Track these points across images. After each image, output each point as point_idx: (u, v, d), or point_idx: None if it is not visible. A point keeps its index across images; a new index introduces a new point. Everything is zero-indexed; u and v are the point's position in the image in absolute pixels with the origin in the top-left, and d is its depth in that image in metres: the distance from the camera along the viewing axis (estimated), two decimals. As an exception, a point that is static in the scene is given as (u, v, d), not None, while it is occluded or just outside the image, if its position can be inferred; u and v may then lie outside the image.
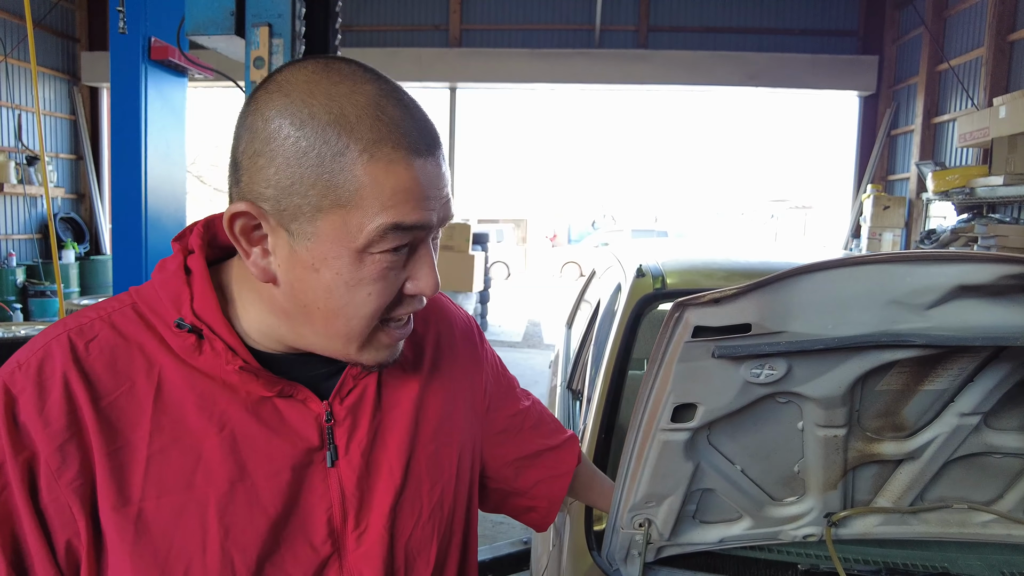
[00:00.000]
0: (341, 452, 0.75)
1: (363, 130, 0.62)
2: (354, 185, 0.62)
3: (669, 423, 0.93)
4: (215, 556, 0.68)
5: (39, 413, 0.64)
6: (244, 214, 0.65)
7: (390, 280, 0.67)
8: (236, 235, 0.66)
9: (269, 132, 0.62)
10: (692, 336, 0.79)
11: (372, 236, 0.63)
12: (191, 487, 0.68)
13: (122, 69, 3.51)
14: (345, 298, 0.66)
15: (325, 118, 0.61)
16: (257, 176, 0.64)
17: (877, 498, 1.20)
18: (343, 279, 0.65)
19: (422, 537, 0.81)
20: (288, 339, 0.72)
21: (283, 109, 0.62)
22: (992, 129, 5.71)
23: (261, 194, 0.64)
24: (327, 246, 0.64)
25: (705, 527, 1.21)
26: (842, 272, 0.73)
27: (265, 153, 0.63)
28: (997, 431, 1.08)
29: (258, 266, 0.67)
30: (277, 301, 0.69)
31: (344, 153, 0.61)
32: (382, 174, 0.62)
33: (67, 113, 10.67)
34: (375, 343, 0.71)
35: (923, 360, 0.90)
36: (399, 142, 0.63)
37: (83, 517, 0.65)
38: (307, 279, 0.66)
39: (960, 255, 0.70)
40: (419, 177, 0.64)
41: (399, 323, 0.72)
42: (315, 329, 0.69)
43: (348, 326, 0.68)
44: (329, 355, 0.72)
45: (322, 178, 0.62)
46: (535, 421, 1.03)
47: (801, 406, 0.97)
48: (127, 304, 0.72)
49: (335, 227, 0.63)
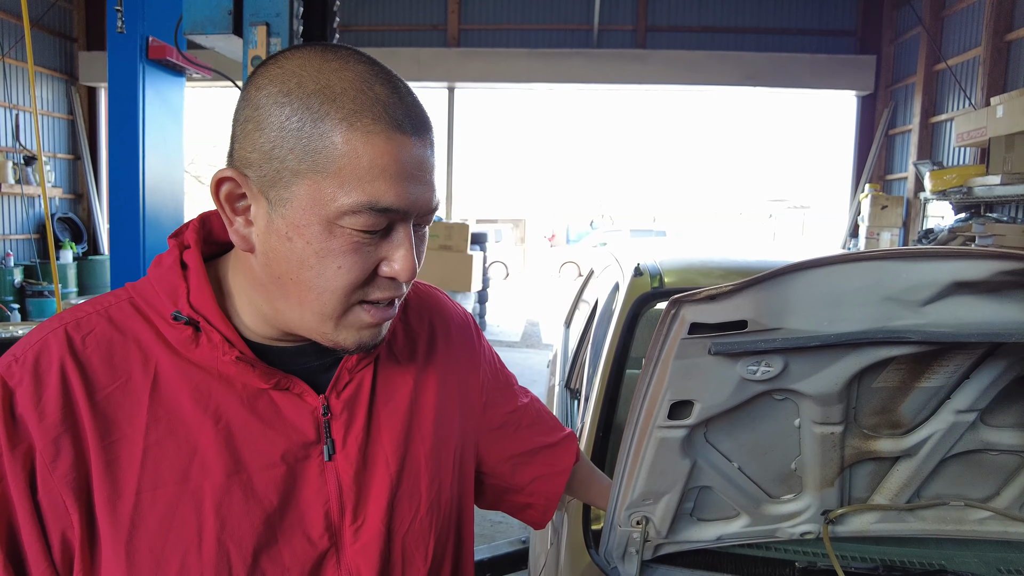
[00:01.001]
0: (338, 446, 0.75)
1: (346, 100, 0.62)
2: (332, 152, 0.62)
3: (666, 420, 0.93)
4: (211, 549, 0.68)
5: (35, 406, 0.64)
6: (229, 179, 0.66)
7: (362, 256, 0.66)
8: (221, 201, 0.67)
9: (259, 99, 0.64)
10: (688, 333, 0.79)
11: (345, 208, 0.63)
12: (187, 480, 0.68)
13: (120, 69, 3.50)
14: (316, 269, 0.66)
15: (311, 87, 0.63)
16: (245, 142, 0.65)
17: (874, 495, 1.20)
18: (313, 248, 0.65)
19: (419, 532, 0.81)
20: (271, 317, 0.72)
21: (274, 78, 0.64)
22: (989, 128, 5.72)
23: (247, 159, 0.65)
24: (300, 213, 0.64)
25: (702, 525, 1.21)
26: (838, 269, 0.73)
27: (253, 119, 0.65)
28: (993, 428, 1.08)
29: (239, 234, 0.68)
30: (257, 276, 0.70)
31: (324, 119, 0.62)
32: (360, 144, 0.62)
33: (65, 113, 10.65)
34: (353, 322, 0.70)
35: (919, 357, 0.90)
36: (380, 116, 0.63)
37: (76, 511, 0.65)
38: (280, 248, 0.66)
39: (955, 251, 0.70)
40: (398, 154, 0.64)
41: (378, 305, 0.70)
42: (290, 304, 0.69)
43: (320, 300, 0.67)
44: (308, 335, 0.71)
45: (300, 142, 0.62)
46: (533, 418, 1.03)
47: (798, 403, 0.97)
48: (123, 298, 0.72)
49: (309, 194, 0.63)
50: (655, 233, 20.90)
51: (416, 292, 0.93)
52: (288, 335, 0.74)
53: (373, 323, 0.71)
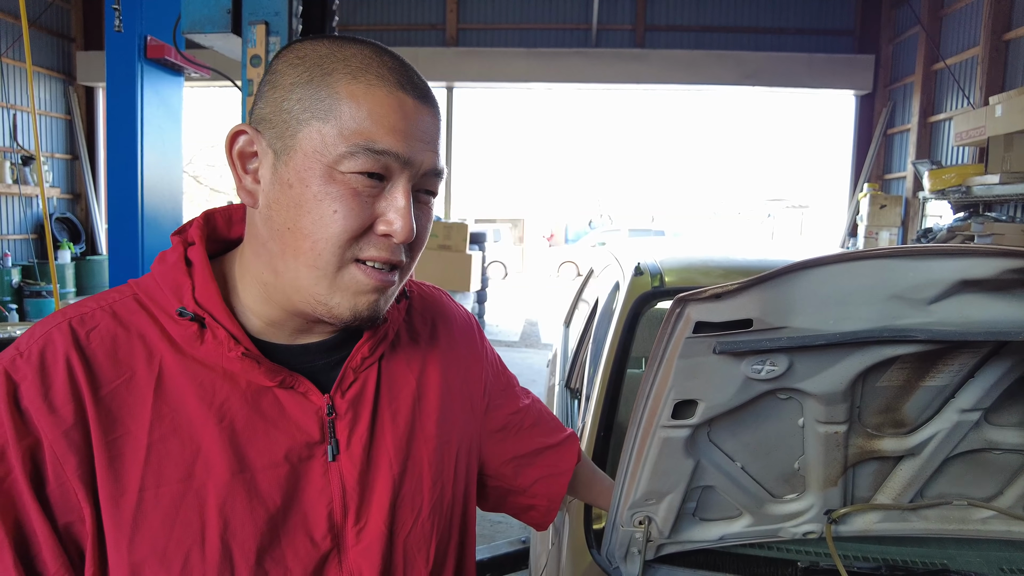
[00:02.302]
0: (342, 446, 0.75)
1: (353, 61, 0.67)
2: (334, 100, 0.66)
3: (670, 420, 0.92)
4: (214, 548, 0.67)
5: (43, 399, 0.64)
6: (242, 133, 0.70)
7: (359, 204, 0.66)
8: (234, 158, 0.71)
9: (278, 65, 0.70)
10: (693, 332, 0.78)
11: (343, 152, 0.65)
12: (190, 478, 0.67)
13: (118, 68, 3.49)
14: (313, 213, 0.66)
15: (324, 51, 0.68)
16: (260, 101, 0.71)
17: (877, 495, 1.20)
18: (312, 191, 0.66)
19: (421, 534, 0.81)
20: (271, 287, 0.71)
21: (292, 49, 0.70)
22: (988, 128, 5.72)
23: (261, 115, 0.70)
24: (301, 159, 0.67)
25: (705, 524, 1.21)
26: (843, 267, 0.73)
27: (270, 81, 0.70)
28: (997, 427, 1.08)
29: (246, 190, 0.71)
30: (259, 233, 0.71)
31: (331, 73, 0.67)
32: (362, 94, 0.66)
33: (63, 113, 10.64)
34: (349, 284, 0.69)
35: (924, 356, 0.90)
36: (384, 75, 0.67)
37: (88, 504, 0.65)
38: (282, 197, 0.68)
39: (962, 249, 0.70)
40: (398, 106, 0.67)
41: (374, 266, 0.69)
42: (287, 259, 0.68)
43: (315, 250, 0.67)
44: (305, 303, 0.70)
45: (307, 93, 0.67)
46: (535, 419, 1.02)
47: (802, 402, 0.96)
48: (128, 295, 0.72)
49: (311, 140, 0.66)
50: (653, 232, 20.91)
51: (420, 293, 0.93)
52: (290, 318, 0.73)
53: (368, 286, 0.69)
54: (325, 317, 0.70)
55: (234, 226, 0.80)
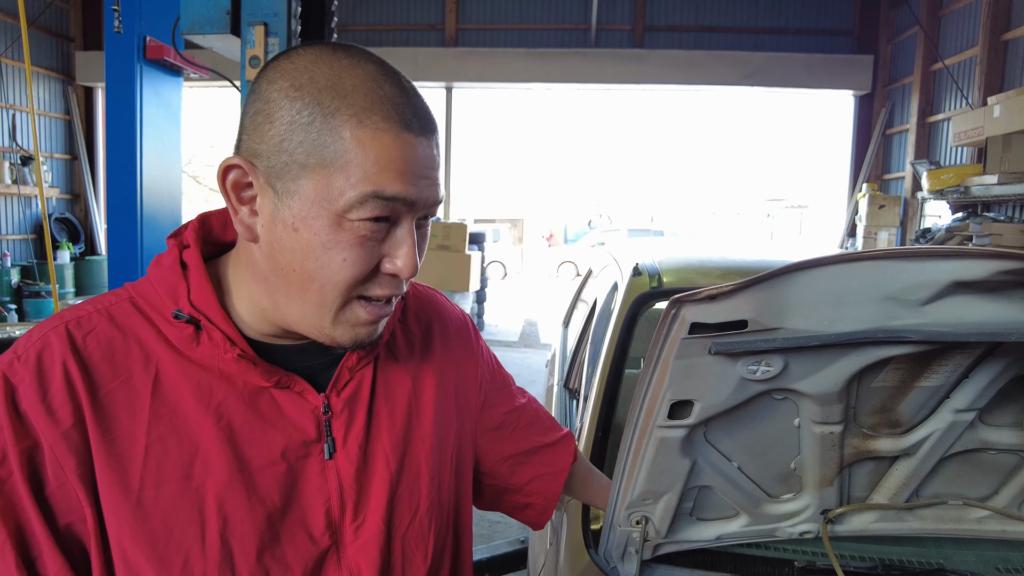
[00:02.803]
0: (339, 444, 0.76)
1: (356, 98, 0.64)
2: (340, 147, 0.63)
3: (666, 420, 0.93)
4: (214, 546, 0.68)
5: (41, 401, 0.64)
6: (236, 167, 0.67)
7: (367, 250, 0.67)
8: (228, 189, 0.68)
9: (270, 93, 0.65)
10: (689, 333, 0.79)
11: (352, 201, 0.64)
12: (189, 478, 0.68)
13: (117, 68, 3.50)
14: (321, 260, 0.66)
15: (323, 83, 0.64)
16: (254, 133, 0.66)
17: (873, 495, 1.20)
18: (320, 240, 0.65)
19: (419, 530, 0.81)
20: (270, 313, 0.72)
21: (286, 73, 0.65)
22: (986, 128, 5.73)
23: (255, 150, 0.66)
24: (308, 206, 0.65)
25: (702, 524, 1.21)
26: (838, 268, 0.73)
27: (263, 112, 0.66)
28: (992, 427, 1.08)
29: (244, 224, 0.68)
30: (259, 266, 0.70)
31: (334, 115, 0.63)
32: (368, 140, 0.64)
33: (62, 113, 10.63)
34: (351, 318, 0.70)
35: (918, 356, 0.90)
36: (389, 114, 0.64)
37: (89, 505, 0.65)
38: (286, 239, 0.66)
39: (955, 251, 0.70)
40: (405, 150, 0.65)
41: (377, 302, 0.71)
42: (291, 296, 0.69)
43: (322, 292, 0.67)
44: (305, 331, 0.71)
45: (310, 136, 0.64)
46: (531, 418, 1.03)
47: (797, 403, 0.97)
48: (124, 298, 0.72)
49: (317, 187, 0.64)
50: (653, 232, 20.90)
51: (415, 293, 0.93)
52: (286, 332, 0.74)
53: (370, 320, 0.71)
54: (326, 343, 0.72)
55: (229, 228, 0.80)
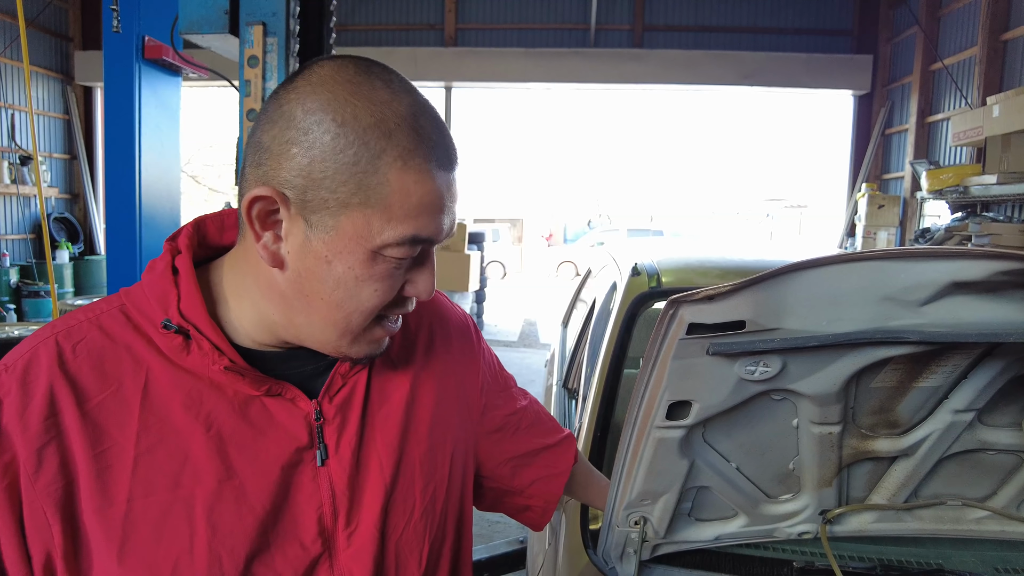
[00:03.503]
0: (331, 451, 0.75)
1: (400, 138, 0.64)
2: (385, 189, 0.64)
3: (664, 420, 0.93)
4: (203, 555, 0.68)
5: (20, 417, 0.64)
6: (265, 199, 0.65)
7: (394, 280, 0.70)
8: (252, 217, 0.66)
9: (309, 124, 0.63)
10: (687, 333, 0.78)
11: (391, 241, 0.66)
12: (178, 487, 0.68)
13: (115, 68, 3.49)
14: (351, 292, 0.68)
15: (367, 121, 0.63)
16: (287, 163, 0.64)
17: (872, 495, 1.20)
18: (354, 273, 0.67)
19: (413, 536, 0.81)
20: (279, 327, 0.72)
21: (327, 104, 0.63)
22: (986, 128, 5.73)
23: (287, 181, 0.65)
24: (345, 242, 0.66)
25: (701, 525, 1.21)
26: (836, 269, 0.73)
27: (300, 143, 0.64)
28: (991, 428, 1.08)
29: (268, 250, 0.68)
30: (277, 286, 0.70)
31: (380, 156, 0.64)
32: (412, 184, 0.65)
33: (61, 113, 10.62)
34: (367, 338, 0.73)
35: (917, 357, 0.90)
36: (429, 155, 0.66)
37: (58, 522, 0.65)
38: (317, 270, 0.67)
39: (953, 251, 0.70)
40: (442, 191, 0.67)
41: (390, 320, 0.74)
42: (311, 319, 0.70)
43: (348, 320, 0.69)
44: (318, 347, 0.72)
45: (355, 177, 0.63)
46: (532, 420, 1.02)
47: (796, 403, 0.97)
48: (115, 306, 0.72)
49: (357, 225, 0.65)
50: (652, 232, 20.91)
51: None
52: (286, 343, 0.74)
53: (383, 337, 0.74)
54: (338, 358, 0.75)
55: (226, 232, 0.79)
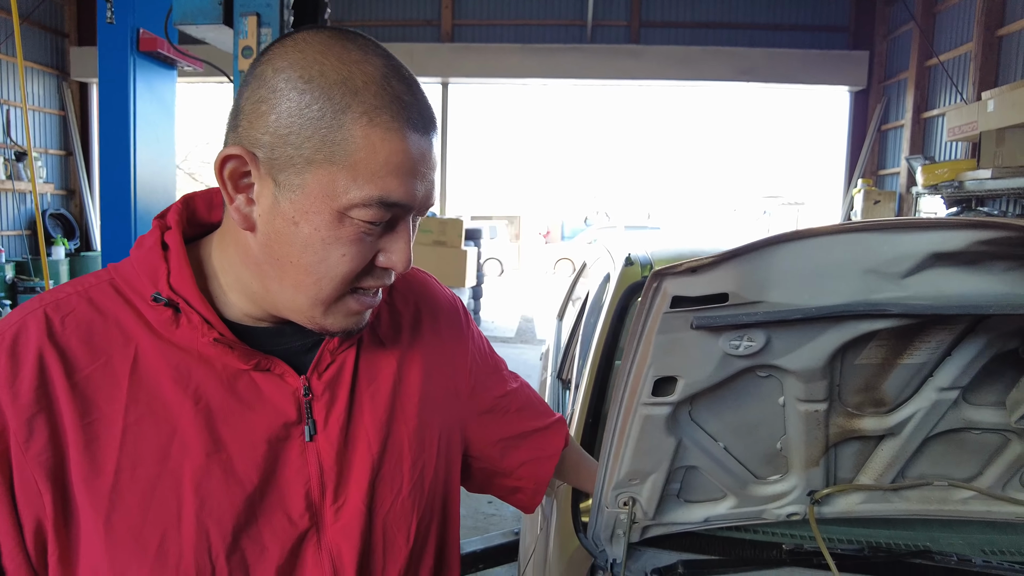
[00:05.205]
0: (320, 427, 0.76)
1: (367, 95, 0.63)
2: (350, 145, 0.63)
3: (650, 397, 0.93)
4: (190, 527, 0.68)
5: (10, 386, 0.64)
6: (236, 157, 0.66)
7: (365, 246, 0.68)
8: (224, 178, 0.67)
9: (277, 82, 0.64)
10: (671, 307, 0.79)
11: (356, 201, 0.64)
12: (166, 459, 0.68)
13: (110, 60, 3.49)
14: (320, 255, 0.67)
15: (334, 78, 0.63)
16: (257, 122, 0.65)
17: (859, 476, 1.21)
18: (320, 235, 0.66)
19: (401, 512, 0.81)
20: (259, 297, 0.72)
21: (295, 63, 0.64)
22: (980, 123, 5.74)
23: (257, 140, 0.65)
24: (310, 201, 0.65)
25: (689, 506, 1.21)
26: (818, 241, 0.74)
27: (268, 100, 0.64)
28: (975, 406, 1.09)
29: (240, 212, 0.68)
30: (252, 252, 0.70)
31: (345, 112, 0.63)
32: (379, 141, 0.64)
33: (56, 109, 10.61)
34: (341, 309, 0.72)
35: (901, 333, 0.90)
36: (399, 113, 0.65)
37: (49, 491, 0.65)
38: (286, 231, 0.67)
39: (933, 222, 0.70)
40: (412, 151, 0.66)
41: (367, 293, 0.73)
42: (284, 285, 0.69)
43: (318, 286, 0.69)
44: (294, 317, 0.72)
45: (319, 132, 0.63)
46: (523, 403, 1.03)
47: (782, 380, 0.97)
48: (104, 280, 0.72)
49: (322, 183, 0.64)
50: (649, 229, 20.91)
51: (404, 276, 0.93)
52: (272, 316, 0.74)
53: (359, 310, 0.73)
54: (315, 330, 0.73)
55: (215, 210, 0.80)
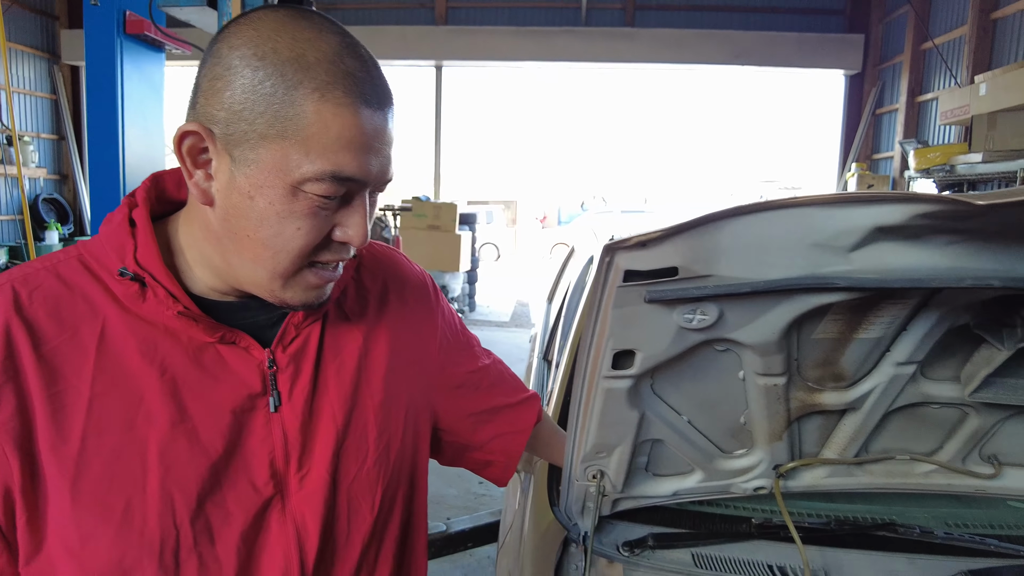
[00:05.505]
0: (284, 398, 0.78)
1: (319, 72, 0.65)
2: (302, 121, 0.65)
3: (610, 370, 0.95)
4: (155, 493, 0.70)
5: None
6: (193, 133, 0.67)
7: (320, 220, 0.70)
8: (183, 154, 0.68)
9: (231, 59, 0.66)
10: (624, 281, 0.81)
11: (309, 176, 0.66)
12: (132, 428, 0.70)
13: (97, 43, 3.47)
14: (275, 228, 0.68)
15: (287, 55, 0.64)
16: (213, 99, 0.67)
17: (823, 450, 1.23)
18: (275, 209, 0.67)
19: (366, 482, 0.83)
20: (222, 271, 0.74)
21: (249, 40, 0.65)
22: (972, 106, 5.73)
23: (213, 116, 0.67)
24: (265, 175, 0.66)
25: (658, 480, 1.24)
26: (764, 216, 0.75)
27: (223, 77, 0.66)
28: (933, 381, 1.11)
29: (199, 187, 0.70)
30: (212, 227, 0.72)
31: (297, 88, 0.64)
32: (330, 116, 0.65)
33: (48, 92, 10.53)
34: (300, 283, 0.73)
35: (855, 307, 0.92)
36: (351, 89, 0.66)
37: (16, 458, 0.67)
38: (242, 206, 0.68)
39: (875, 196, 0.72)
40: (365, 127, 0.67)
41: (326, 267, 0.74)
42: (244, 259, 0.71)
43: (275, 259, 0.70)
44: (255, 291, 0.74)
45: (272, 107, 0.65)
46: (494, 379, 1.05)
47: (740, 354, 0.99)
48: (73, 255, 0.74)
49: (275, 158, 0.66)
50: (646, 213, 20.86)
51: (372, 252, 0.95)
52: (236, 290, 0.76)
53: (318, 284, 0.74)
54: (275, 303, 0.75)
55: (183, 188, 0.81)
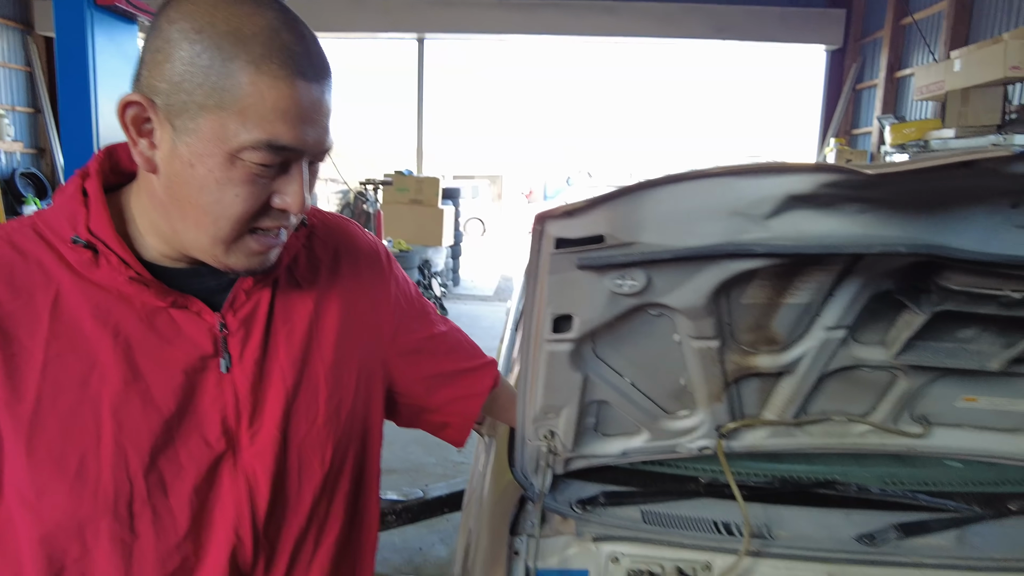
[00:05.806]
0: (235, 360, 0.82)
1: (255, 45, 0.68)
2: (238, 92, 0.68)
3: (551, 334, 1.00)
4: (108, 448, 0.75)
5: None
6: (135, 104, 0.71)
7: (258, 187, 0.73)
8: (127, 123, 0.72)
9: (171, 32, 0.69)
10: (556, 248, 0.85)
11: (245, 144, 0.69)
12: (86, 387, 0.74)
13: (67, 13, 3.44)
14: (215, 195, 0.72)
15: (223, 28, 0.68)
16: (154, 71, 0.70)
17: (763, 412, 1.30)
18: (214, 176, 0.71)
19: (316, 440, 0.88)
20: (169, 237, 0.78)
21: (188, 14, 0.68)
22: (947, 82, 5.77)
23: (155, 87, 0.70)
24: (204, 144, 0.70)
25: (607, 439, 1.30)
26: (686, 185, 0.80)
27: (163, 50, 0.69)
28: (864, 345, 1.17)
29: (143, 156, 0.73)
30: (157, 195, 0.75)
31: (233, 60, 0.67)
32: (265, 87, 0.68)
33: (22, 64, 10.31)
34: (243, 248, 0.77)
35: (780, 273, 0.98)
36: (286, 62, 0.69)
37: None
38: (183, 174, 0.72)
39: (786, 166, 0.77)
40: (300, 98, 0.70)
41: (267, 233, 0.78)
42: (187, 225, 0.75)
43: (216, 225, 0.74)
44: (200, 256, 0.78)
45: (209, 79, 0.68)
46: (451, 345, 1.09)
47: (673, 318, 1.04)
48: (27, 225, 0.78)
49: (213, 128, 0.69)
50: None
51: (324, 222, 0.99)
52: (186, 256, 0.79)
53: (260, 251, 0.78)
54: (221, 268, 0.78)
55: None
